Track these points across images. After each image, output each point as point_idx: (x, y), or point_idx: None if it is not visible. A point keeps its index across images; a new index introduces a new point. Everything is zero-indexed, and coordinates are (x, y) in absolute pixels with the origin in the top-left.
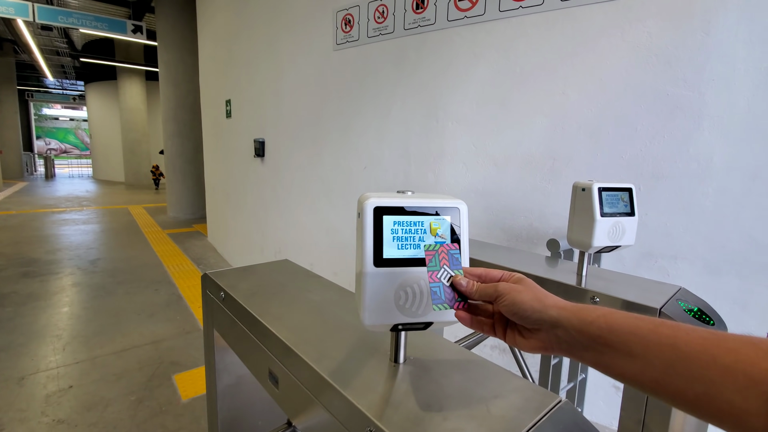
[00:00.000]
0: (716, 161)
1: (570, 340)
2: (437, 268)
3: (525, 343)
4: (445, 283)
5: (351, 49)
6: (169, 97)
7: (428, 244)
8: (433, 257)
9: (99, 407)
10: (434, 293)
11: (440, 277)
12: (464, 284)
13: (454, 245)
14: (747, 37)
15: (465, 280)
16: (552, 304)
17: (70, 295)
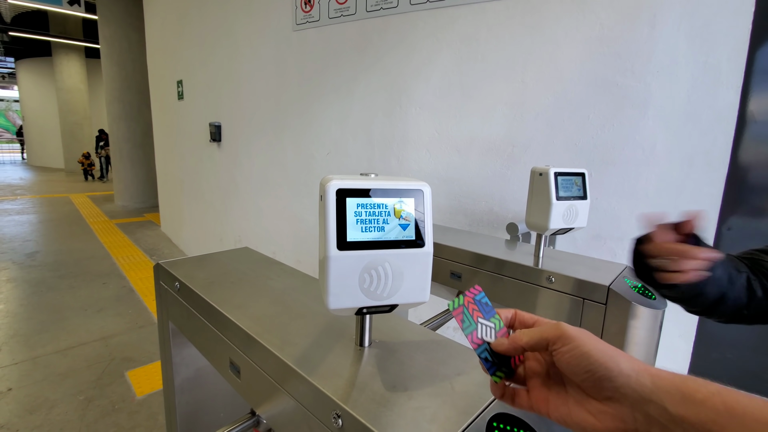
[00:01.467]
0: (658, 149)
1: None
2: (474, 326)
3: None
4: (489, 339)
5: (311, 30)
6: (112, 76)
7: (451, 303)
8: (463, 314)
9: (43, 409)
10: (485, 360)
11: (482, 336)
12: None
13: (476, 289)
14: (688, 32)
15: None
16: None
17: (5, 292)
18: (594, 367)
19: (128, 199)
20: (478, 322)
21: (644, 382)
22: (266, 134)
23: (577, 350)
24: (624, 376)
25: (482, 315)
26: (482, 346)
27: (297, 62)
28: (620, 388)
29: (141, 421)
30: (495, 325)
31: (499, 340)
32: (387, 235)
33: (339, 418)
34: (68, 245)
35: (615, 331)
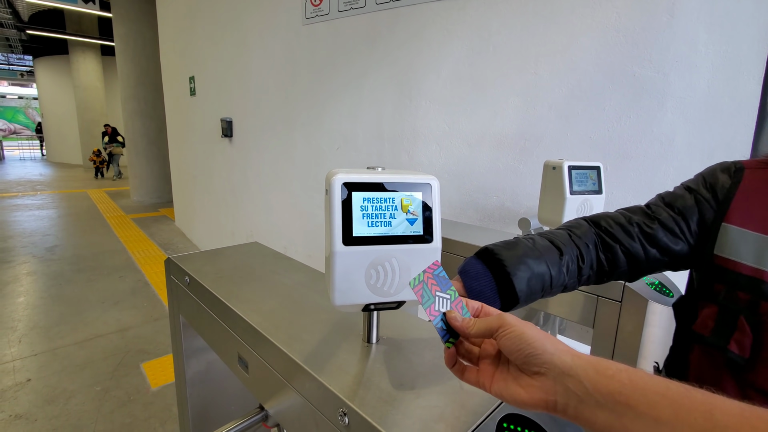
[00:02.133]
0: (677, 141)
1: (582, 394)
2: (432, 299)
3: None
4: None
5: (321, 24)
6: (128, 73)
7: (411, 280)
8: (422, 290)
9: (61, 400)
10: (441, 329)
11: (438, 308)
12: (459, 321)
13: (434, 264)
14: (708, 20)
15: (460, 317)
16: (565, 349)
17: (26, 285)
18: (524, 346)
19: (143, 195)
20: (435, 296)
21: (565, 360)
22: (276, 129)
23: (513, 333)
24: (548, 354)
25: (439, 288)
26: (438, 317)
27: (307, 57)
28: (545, 364)
29: (156, 413)
30: (450, 296)
31: (453, 314)
32: (394, 230)
33: (345, 416)
34: (86, 239)
35: (630, 329)
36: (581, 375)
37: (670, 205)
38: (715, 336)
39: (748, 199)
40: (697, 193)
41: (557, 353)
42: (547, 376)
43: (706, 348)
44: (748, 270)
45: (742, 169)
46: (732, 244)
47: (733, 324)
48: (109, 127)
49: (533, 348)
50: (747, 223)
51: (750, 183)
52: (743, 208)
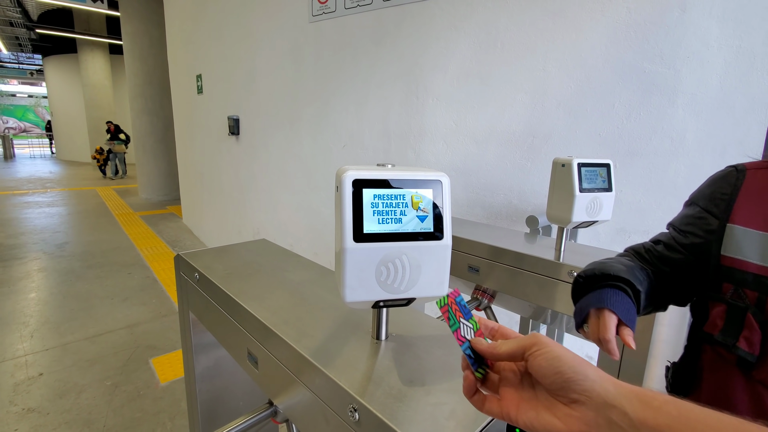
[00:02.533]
0: (689, 138)
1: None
2: (458, 324)
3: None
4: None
5: (327, 21)
6: (135, 72)
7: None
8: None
9: (72, 394)
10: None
11: (464, 334)
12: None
13: (455, 292)
14: (721, 14)
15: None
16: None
17: (37, 281)
18: (563, 369)
19: (151, 192)
20: (460, 321)
21: (608, 388)
22: (283, 127)
23: (550, 353)
24: (590, 381)
25: (463, 316)
26: (466, 344)
27: (313, 54)
28: (586, 392)
29: (164, 407)
30: (473, 326)
31: (478, 339)
32: (404, 226)
33: (356, 411)
34: (95, 236)
35: (640, 329)
36: (626, 406)
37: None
38: (724, 334)
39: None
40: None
41: (599, 381)
42: (587, 406)
43: (717, 347)
44: (753, 268)
45: (744, 171)
46: (737, 243)
47: (741, 322)
48: (111, 124)
49: (574, 373)
50: (751, 222)
51: (752, 184)
52: (746, 208)
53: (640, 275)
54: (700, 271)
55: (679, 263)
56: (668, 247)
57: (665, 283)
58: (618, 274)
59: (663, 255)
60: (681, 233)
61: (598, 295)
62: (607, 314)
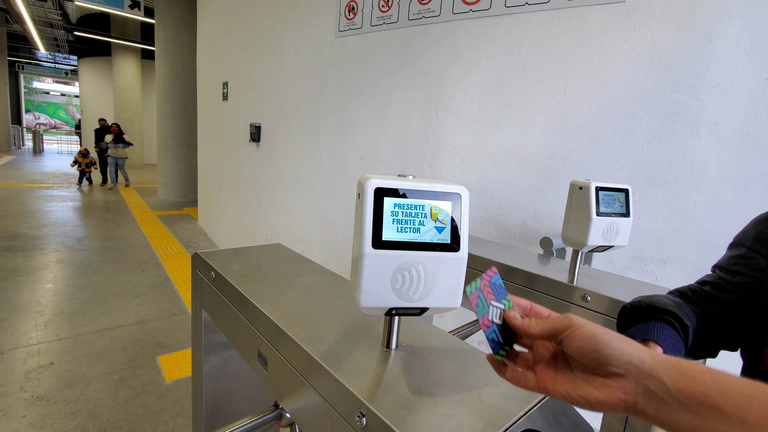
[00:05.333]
0: (710, 169)
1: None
2: (486, 308)
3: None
4: (498, 321)
5: (353, 36)
6: (164, 77)
7: (468, 287)
8: (478, 298)
9: (80, 385)
10: (492, 341)
11: (492, 318)
12: (519, 321)
13: (492, 271)
14: (748, 47)
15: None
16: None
17: (54, 272)
18: (601, 347)
19: (170, 193)
20: (490, 305)
21: (645, 359)
22: (303, 137)
23: (586, 333)
24: (627, 354)
25: (495, 297)
26: (491, 328)
27: (337, 68)
28: (624, 364)
29: (168, 405)
30: (504, 305)
31: (512, 314)
32: (422, 236)
33: (363, 417)
34: (113, 232)
35: None
36: (663, 376)
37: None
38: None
39: None
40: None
41: (636, 353)
42: (626, 377)
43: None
44: None
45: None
46: None
47: None
48: (114, 126)
49: (611, 349)
50: None
51: None
52: None
53: (689, 311)
54: (751, 311)
55: (729, 303)
56: (717, 287)
57: (715, 324)
58: (665, 307)
59: (712, 295)
60: (729, 273)
61: (644, 327)
62: (653, 347)
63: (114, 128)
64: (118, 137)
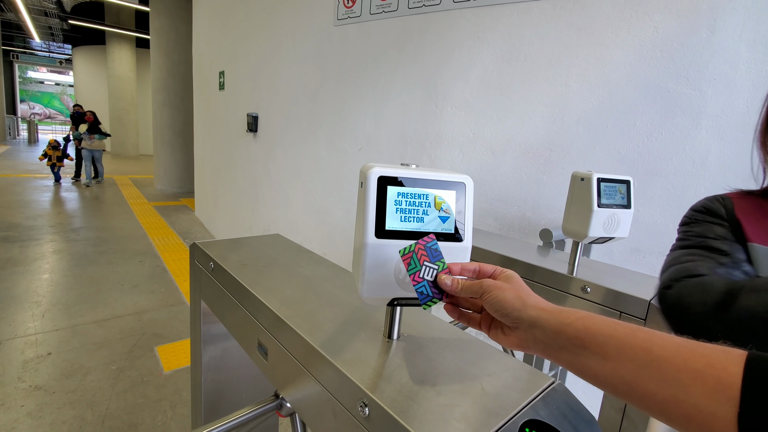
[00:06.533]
0: (711, 161)
1: (546, 340)
2: (418, 267)
3: (505, 340)
4: (430, 279)
5: (352, 25)
6: (160, 65)
7: (402, 249)
8: (411, 258)
9: (78, 375)
10: (421, 294)
11: (423, 275)
12: (449, 283)
13: (429, 237)
14: (752, 38)
15: (450, 279)
16: (532, 304)
17: (51, 262)
18: (501, 307)
19: (166, 184)
20: (423, 265)
21: (531, 314)
22: (301, 127)
23: (491, 297)
24: (517, 311)
25: (428, 259)
26: (421, 283)
27: (336, 57)
28: (516, 320)
29: (167, 395)
30: (438, 267)
31: (443, 277)
32: (426, 226)
33: (366, 406)
34: (110, 223)
35: None
36: (545, 325)
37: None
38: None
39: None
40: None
41: (524, 309)
42: (520, 329)
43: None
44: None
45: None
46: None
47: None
48: (89, 113)
49: (505, 309)
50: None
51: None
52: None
53: None
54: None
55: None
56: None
57: None
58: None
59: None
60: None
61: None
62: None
63: (89, 116)
64: (93, 127)
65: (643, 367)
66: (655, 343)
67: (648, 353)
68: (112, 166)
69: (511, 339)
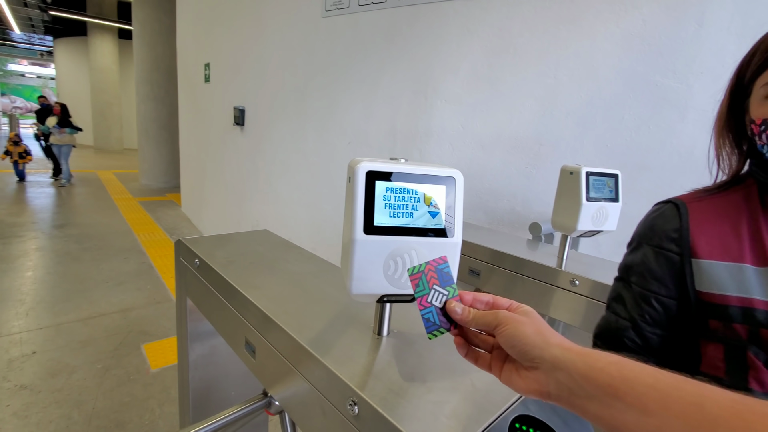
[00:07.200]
0: (697, 155)
1: (572, 386)
2: (426, 291)
3: (521, 384)
4: (438, 305)
5: (340, 17)
6: (143, 58)
7: (411, 267)
8: (420, 280)
9: (64, 374)
10: (427, 321)
11: (431, 300)
12: (459, 311)
13: (441, 259)
14: (739, 32)
15: (460, 307)
16: (556, 343)
17: (34, 260)
18: (519, 343)
19: (152, 179)
20: (432, 288)
21: (555, 354)
22: (289, 121)
23: (507, 331)
24: (538, 349)
25: (438, 283)
26: (428, 308)
27: (324, 49)
28: (536, 359)
29: (154, 393)
30: (449, 293)
31: (453, 305)
32: (415, 222)
33: (355, 405)
34: (94, 219)
35: None
36: (570, 368)
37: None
38: (731, 377)
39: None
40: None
41: (547, 348)
42: (539, 370)
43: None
44: (735, 300)
45: (685, 205)
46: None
47: (744, 362)
48: (57, 106)
49: (524, 345)
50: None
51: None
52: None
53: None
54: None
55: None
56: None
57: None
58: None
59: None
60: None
61: None
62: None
63: (56, 109)
64: (63, 120)
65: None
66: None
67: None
68: (96, 161)
69: (529, 383)
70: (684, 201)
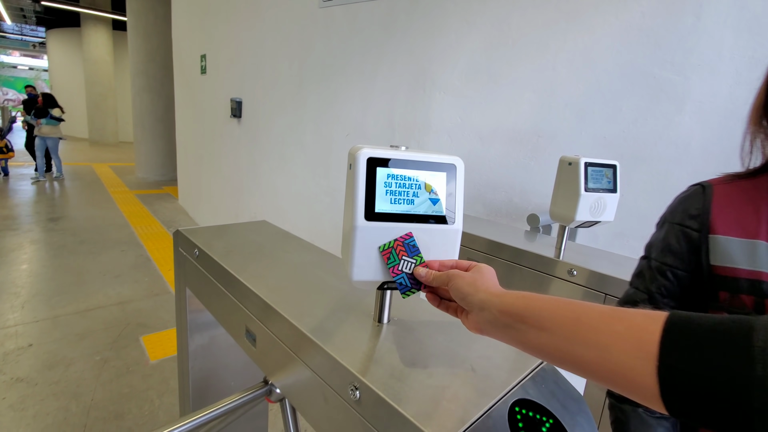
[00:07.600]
0: (693, 146)
1: (494, 321)
2: (396, 261)
3: (467, 324)
4: (408, 272)
5: (338, 8)
6: (138, 49)
7: (381, 245)
8: (390, 254)
9: (61, 366)
10: (400, 284)
11: (402, 268)
12: (423, 274)
13: (407, 235)
14: (736, 24)
15: (424, 271)
16: (483, 289)
17: (29, 253)
18: (460, 295)
19: (148, 171)
20: (402, 259)
21: (481, 298)
22: (287, 112)
23: (451, 285)
24: (470, 296)
25: (407, 254)
26: (400, 275)
27: (322, 40)
28: (468, 305)
29: (154, 384)
30: (416, 261)
31: (419, 271)
32: (416, 208)
33: (357, 390)
34: (90, 212)
35: None
36: (491, 307)
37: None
38: None
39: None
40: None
41: (476, 294)
42: (473, 312)
43: None
44: (745, 273)
45: (711, 187)
46: (724, 252)
47: None
48: (41, 96)
49: (460, 293)
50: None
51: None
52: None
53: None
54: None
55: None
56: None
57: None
58: None
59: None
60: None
61: None
62: None
63: (40, 99)
64: (40, 110)
65: (572, 334)
66: (583, 313)
67: (576, 322)
68: (91, 154)
69: (469, 323)
70: (712, 183)
